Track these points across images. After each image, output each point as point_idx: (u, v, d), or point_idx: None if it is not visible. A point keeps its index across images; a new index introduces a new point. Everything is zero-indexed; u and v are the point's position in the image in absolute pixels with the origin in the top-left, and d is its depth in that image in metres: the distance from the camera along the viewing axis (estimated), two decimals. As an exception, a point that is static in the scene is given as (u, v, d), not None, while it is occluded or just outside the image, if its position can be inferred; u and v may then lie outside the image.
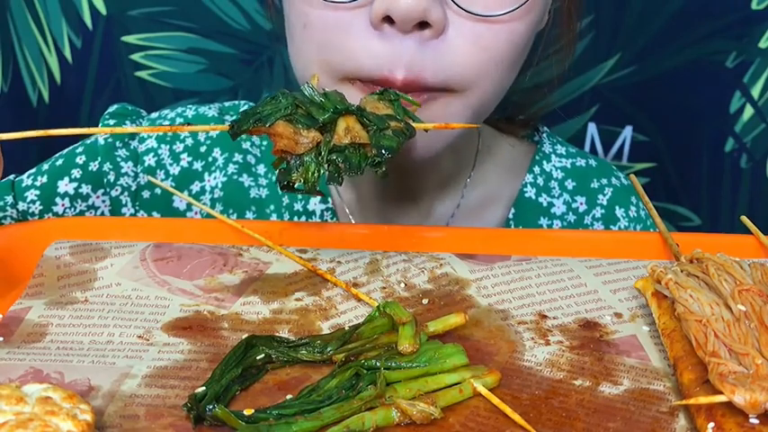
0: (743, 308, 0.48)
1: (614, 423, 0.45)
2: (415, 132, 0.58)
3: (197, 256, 0.60)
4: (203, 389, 0.45)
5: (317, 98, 0.56)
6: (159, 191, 0.80)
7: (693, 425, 0.45)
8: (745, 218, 0.65)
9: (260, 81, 1.21)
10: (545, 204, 0.82)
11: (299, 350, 0.50)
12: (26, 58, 1.20)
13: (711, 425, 0.43)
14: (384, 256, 0.61)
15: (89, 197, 0.79)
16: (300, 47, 0.67)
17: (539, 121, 0.88)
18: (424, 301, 0.56)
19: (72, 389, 0.44)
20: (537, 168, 0.84)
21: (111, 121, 0.82)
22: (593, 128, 1.23)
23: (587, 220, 0.83)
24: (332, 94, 0.57)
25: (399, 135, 0.56)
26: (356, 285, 0.58)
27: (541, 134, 0.87)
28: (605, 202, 0.84)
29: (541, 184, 0.83)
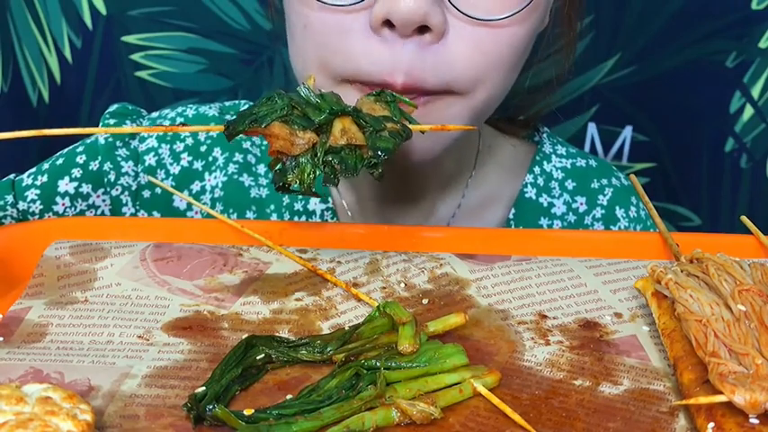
0: (743, 308, 0.48)
1: (614, 423, 0.45)
2: (411, 134, 0.57)
3: (197, 256, 0.60)
4: (203, 389, 0.45)
5: (313, 99, 0.56)
6: (159, 190, 0.80)
7: (693, 425, 0.45)
8: (745, 218, 0.65)
9: (260, 81, 1.21)
10: (545, 204, 0.82)
11: (299, 350, 0.50)
12: (26, 58, 1.20)
13: (711, 425, 0.43)
14: (384, 256, 0.61)
15: (89, 196, 0.79)
16: (300, 48, 0.67)
17: (539, 122, 0.88)
18: (424, 301, 0.56)
19: (72, 389, 0.44)
20: (537, 168, 0.84)
21: (112, 121, 0.82)
22: (593, 128, 1.23)
23: (587, 220, 0.83)
24: (328, 95, 0.57)
25: (396, 136, 0.56)
26: (356, 285, 0.58)
27: (542, 134, 0.87)
28: (605, 203, 0.83)
29: (542, 184, 0.83)
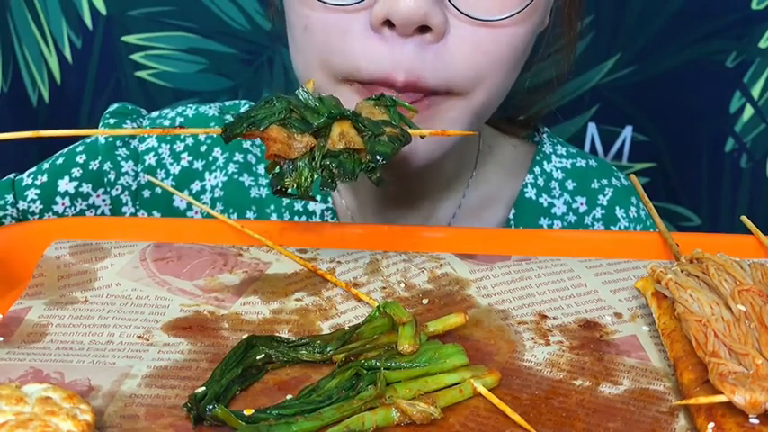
0: (743, 308, 0.48)
1: (614, 423, 0.45)
2: (410, 139, 0.57)
3: (197, 256, 0.60)
4: (203, 389, 0.45)
5: (311, 102, 0.55)
6: (160, 190, 0.80)
7: (693, 425, 0.45)
8: (745, 218, 0.65)
9: (260, 81, 1.21)
10: (545, 205, 0.82)
11: (299, 350, 0.50)
12: (26, 58, 1.20)
13: (711, 425, 0.43)
14: (384, 256, 0.61)
15: (89, 196, 0.79)
16: (301, 49, 0.67)
17: (539, 122, 0.88)
18: (424, 301, 0.56)
19: (72, 389, 0.44)
20: (537, 169, 0.84)
21: (112, 121, 0.82)
22: (593, 128, 1.23)
23: (587, 220, 0.83)
24: (327, 98, 0.56)
25: (395, 141, 0.56)
26: (356, 285, 0.58)
27: (542, 135, 0.87)
28: (605, 203, 0.83)
29: (542, 184, 0.83)
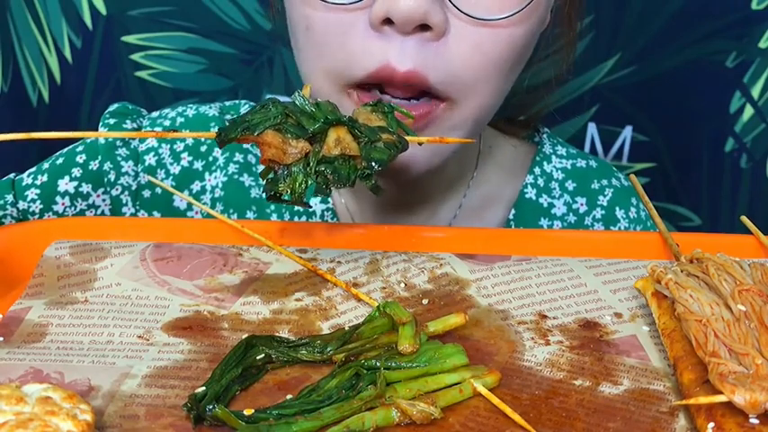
0: (743, 308, 0.48)
1: (614, 423, 0.45)
2: (407, 145, 0.57)
3: (197, 256, 0.60)
4: (203, 389, 0.45)
5: (307, 108, 0.55)
6: (160, 190, 0.80)
7: (693, 425, 0.45)
8: (745, 218, 0.65)
9: (260, 81, 1.21)
10: (545, 205, 0.82)
11: (299, 350, 0.50)
12: (26, 58, 1.20)
13: (711, 425, 0.43)
14: (384, 256, 0.61)
15: (89, 196, 0.79)
16: (303, 52, 0.66)
17: (539, 122, 0.88)
18: (424, 301, 0.56)
19: (72, 389, 0.44)
20: (537, 169, 0.83)
21: (112, 120, 0.82)
22: (593, 128, 1.23)
23: (587, 221, 0.83)
24: (324, 104, 0.56)
25: (391, 148, 0.55)
26: (356, 285, 0.58)
27: (542, 135, 0.87)
28: (605, 203, 0.83)
29: (542, 185, 0.83)
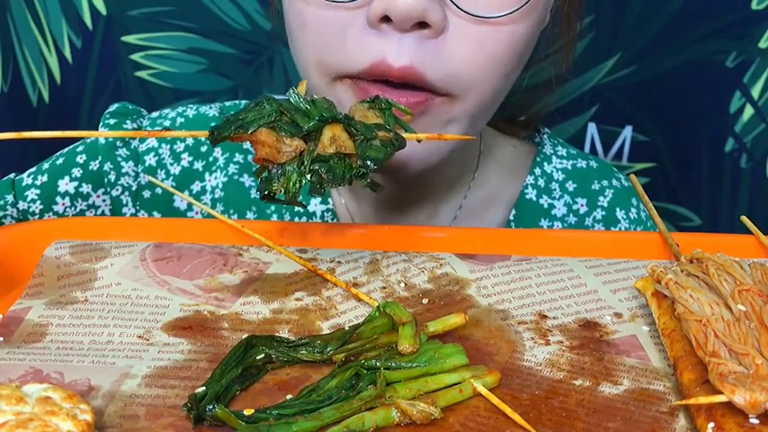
0: (743, 308, 0.48)
1: (614, 423, 0.45)
2: (405, 143, 0.56)
3: (197, 256, 0.60)
4: (203, 389, 0.45)
5: (302, 105, 0.54)
6: (160, 190, 0.80)
7: (693, 425, 0.45)
8: (745, 218, 0.65)
9: (260, 81, 1.21)
10: (546, 206, 0.82)
11: (299, 350, 0.50)
12: (26, 58, 1.20)
13: (711, 425, 0.43)
14: (384, 256, 0.61)
15: (89, 196, 0.79)
16: (298, 47, 0.67)
17: (539, 122, 0.88)
18: (424, 301, 0.56)
19: (72, 389, 0.44)
20: (538, 170, 0.83)
21: (112, 121, 0.82)
22: (593, 128, 1.23)
23: (588, 221, 0.83)
24: (320, 101, 0.55)
25: (387, 145, 0.54)
26: (356, 285, 0.58)
27: (542, 135, 0.87)
28: (606, 204, 0.83)
29: (542, 185, 0.83)
